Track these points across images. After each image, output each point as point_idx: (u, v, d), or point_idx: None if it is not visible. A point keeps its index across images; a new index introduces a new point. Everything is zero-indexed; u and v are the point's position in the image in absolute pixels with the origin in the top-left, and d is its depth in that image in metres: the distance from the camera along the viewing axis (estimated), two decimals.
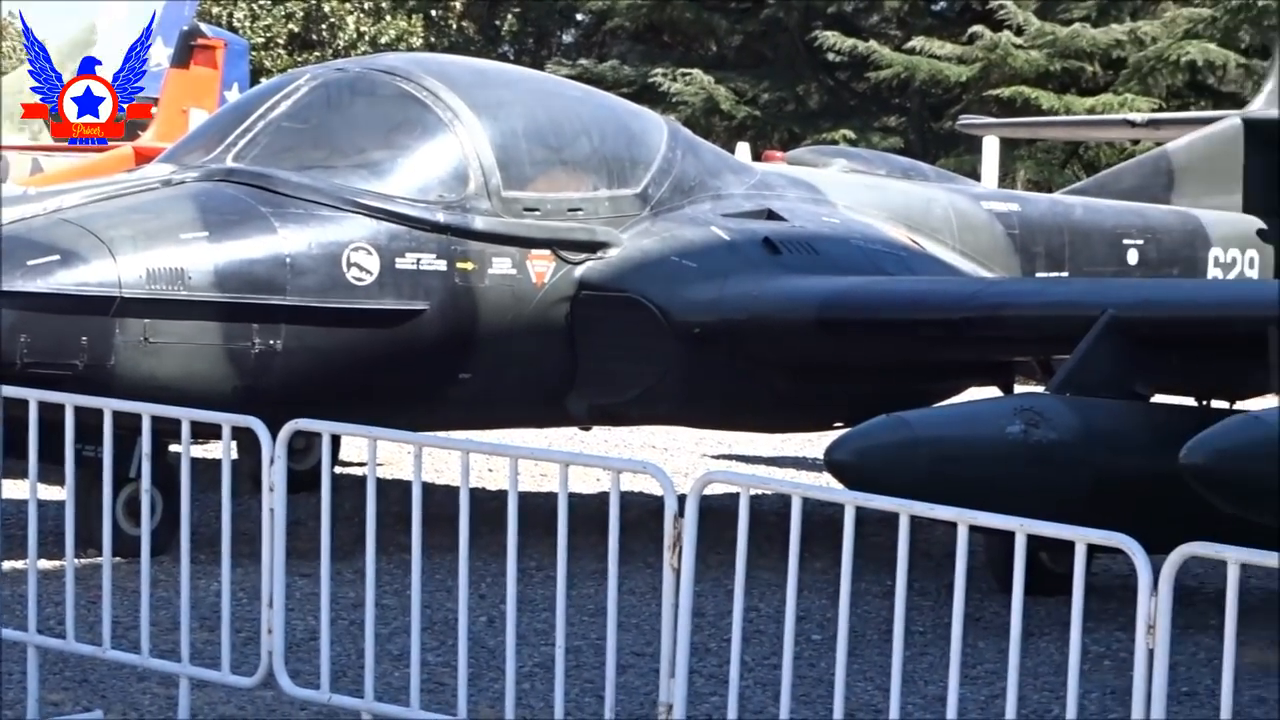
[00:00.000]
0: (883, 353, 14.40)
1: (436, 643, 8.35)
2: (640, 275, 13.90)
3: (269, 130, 13.41)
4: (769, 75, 43.58)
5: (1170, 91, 39.62)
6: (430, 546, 8.09)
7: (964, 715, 7.10)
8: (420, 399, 12.97)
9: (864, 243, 15.67)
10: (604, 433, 14.88)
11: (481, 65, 16.56)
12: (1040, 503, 7.67)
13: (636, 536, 7.74)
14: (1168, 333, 12.87)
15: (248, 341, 12.52)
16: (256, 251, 12.63)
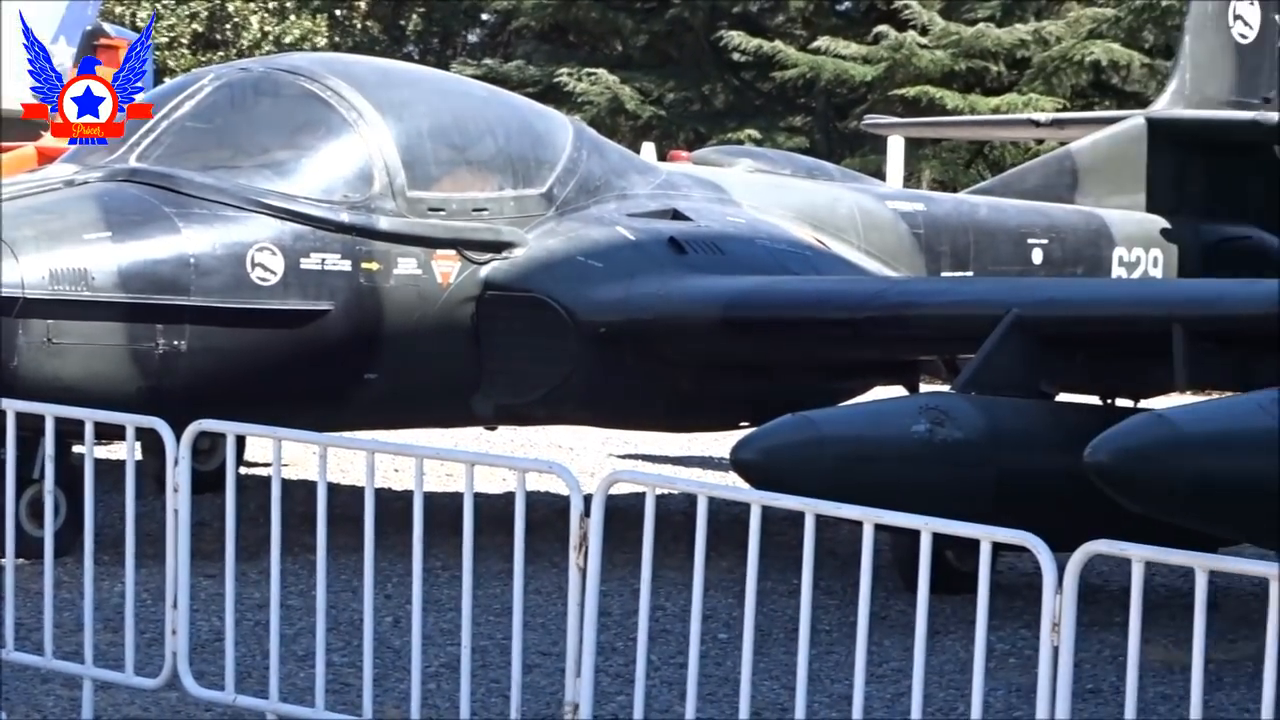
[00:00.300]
0: (788, 352, 14.47)
1: (342, 643, 8.34)
2: (546, 275, 13.92)
3: (173, 130, 13.39)
4: (674, 75, 43.60)
5: (1074, 91, 39.82)
6: (336, 547, 8.09)
7: (870, 714, 7.13)
8: (325, 399, 12.96)
9: (769, 242, 15.72)
10: (510, 432, 14.91)
11: (386, 65, 16.55)
12: (945, 501, 7.72)
13: (542, 536, 7.75)
14: (1072, 332, 12.98)
15: (152, 342, 12.49)
16: (160, 252, 12.61)
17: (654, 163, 17.88)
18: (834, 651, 8.06)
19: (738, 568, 7.13)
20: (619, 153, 16.38)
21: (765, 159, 20.09)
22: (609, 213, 14.77)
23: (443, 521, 7.88)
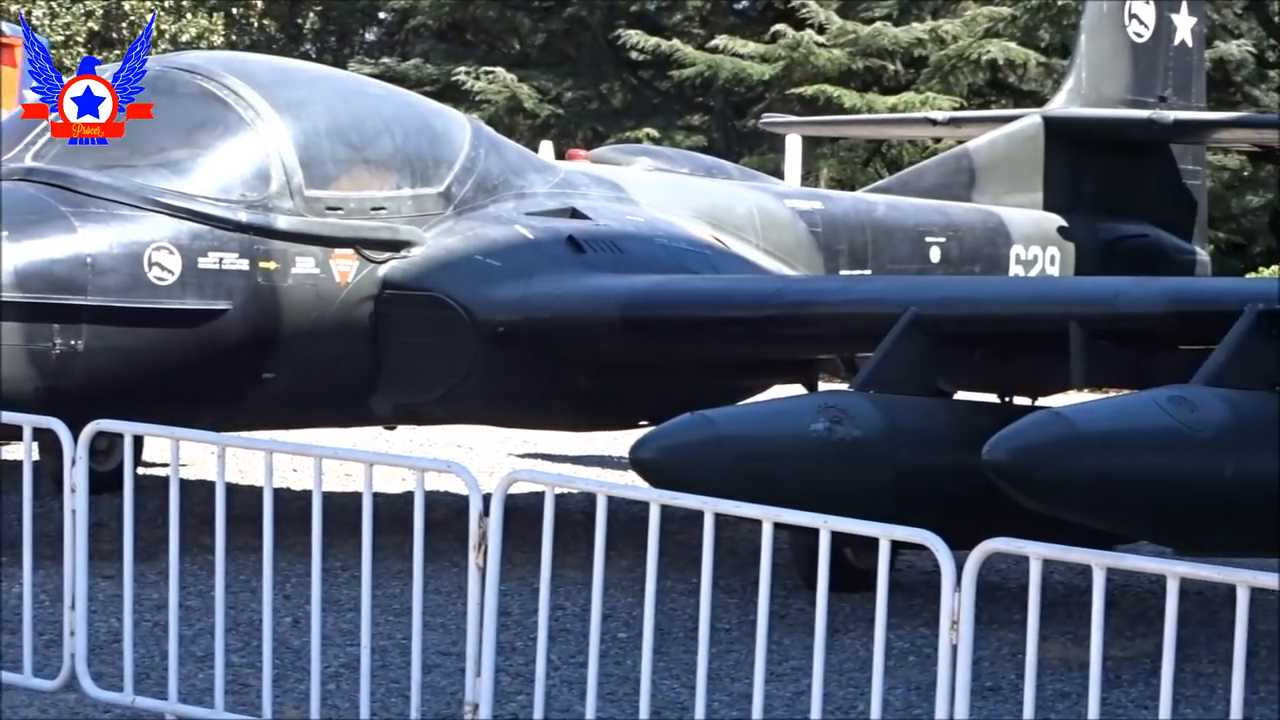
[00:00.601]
0: (687, 351, 14.49)
1: (241, 644, 8.32)
2: (444, 274, 13.93)
3: None
4: (572, 74, 43.66)
5: (971, 90, 40.05)
6: (234, 547, 8.10)
7: (769, 712, 7.15)
8: (224, 399, 12.92)
9: (668, 241, 15.76)
10: (409, 432, 14.89)
11: (284, 64, 16.51)
12: (844, 499, 7.75)
13: (442, 536, 7.77)
14: (970, 330, 13.04)
15: (49, 342, 12.44)
16: (56, 251, 12.56)
17: (552, 162, 17.87)
18: (734, 650, 8.08)
19: (637, 566, 7.15)
20: (517, 151, 16.39)
21: (663, 158, 20.08)
22: (507, 211, 14.77)
23: (342, 521, 7.88)
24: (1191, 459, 10.62)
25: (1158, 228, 21.26)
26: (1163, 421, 10.71)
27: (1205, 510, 10.62)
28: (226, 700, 8.01)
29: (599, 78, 43.44)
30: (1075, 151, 21.03)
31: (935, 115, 30.93)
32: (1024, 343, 13.33)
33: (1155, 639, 6.10)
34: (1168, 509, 10.58)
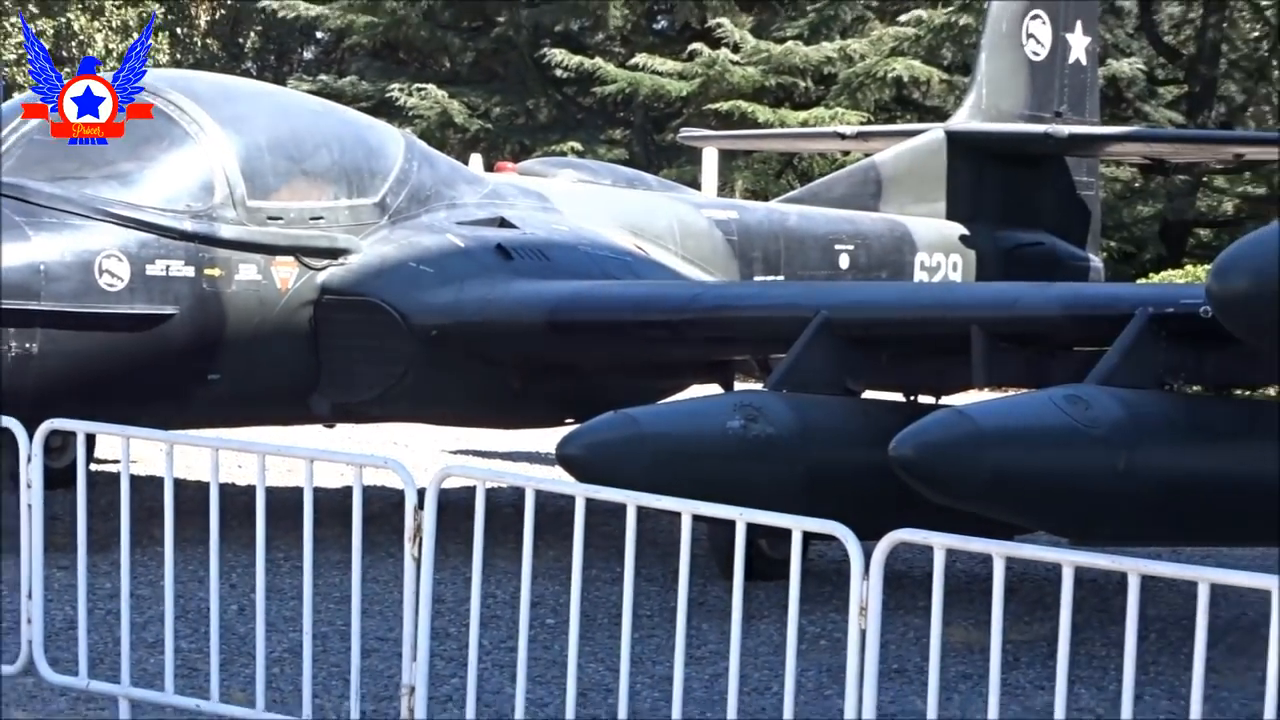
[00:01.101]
0: (610, 353, 14.55)
1: (190, 630, 8.33)
2: (379, 280, 13.95)
3: (21, 143, 13.32)
4: (500, 90, 43.61)
5: (878, 105, 40.14)
6: (183, 539, 8.10)
7: (689, 693, 7.19)
8: (171, 398, 12.92)
9: (592, 249, 15.78)
10: (348, 430, 14.89)
11: (226, 81, 16.47)
12: (759, 493, 7.80)
13: (379, 528, 7.79)
14: (877, 333, 13.14)
15: (3, 344, 12.43)
16: (10, 259, 12.51)
17: (482, 174, 17.89)
18: (655, 635, 8.09)
19: (564, 557, 7.15)
20: (448, 164, 16.39)
21: (587, 170, 20.15)
22: (439, 221, 14.79)
23: (284, 514, 7.87)
24: (1086, 454, 10.71)
25: (1054, 236, 21.40)
26: (1059, 419, 10.80)
27: (1099, 502, 10.72)
28: (176, 684, 8.01)
29: (525, 94, 43.42)
30: (976, 164, 21.14)
31: (844, 130, 31.00)
32: (928, 345, 13.44)
33: (1052, 624, 6.15)
34: (1063, 501, 10.69)
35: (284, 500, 8.02)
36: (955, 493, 10.36)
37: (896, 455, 10.44)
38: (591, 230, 16.30)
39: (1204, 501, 11.09)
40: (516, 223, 15.41)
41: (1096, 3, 24.98)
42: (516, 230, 15.25)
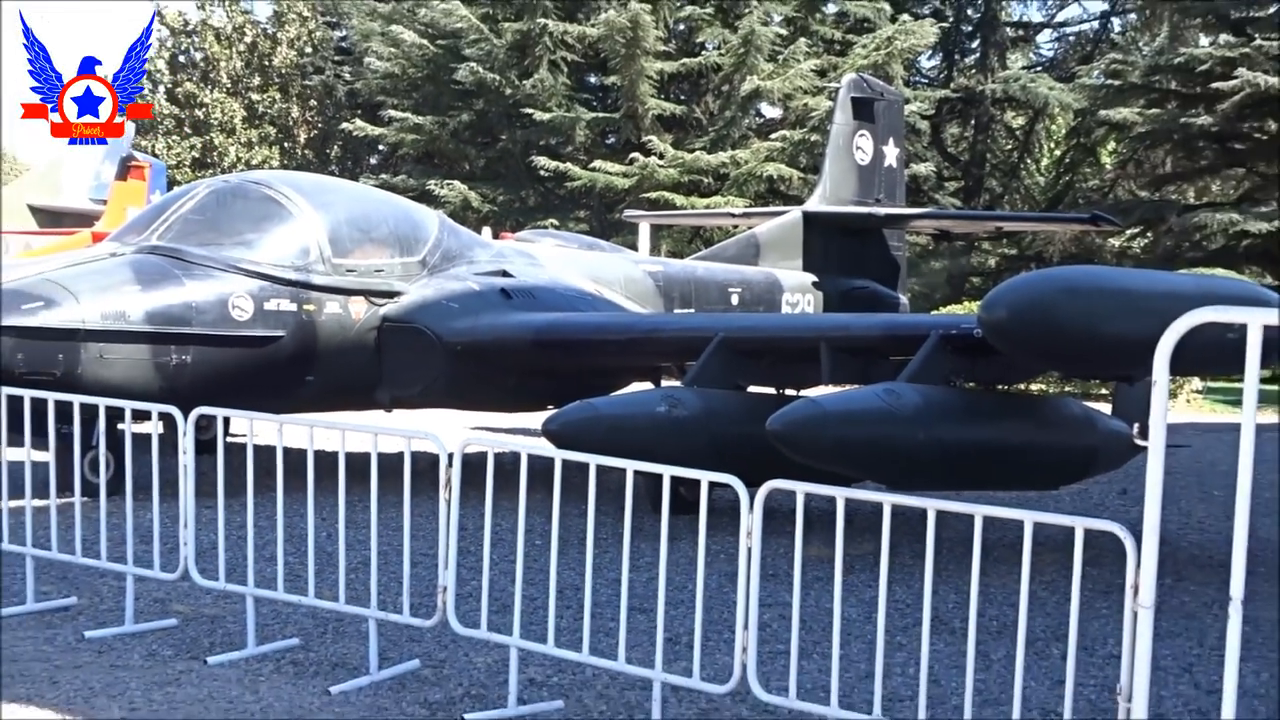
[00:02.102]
0: (577, 361, 14.59)
1: (294, 549, 8.24)
2: (422, 312, 14.00)
3: (179, 220, 13.33)
4: (502, 184, 43.52)
5: (756, 194, 40.10)
6: (288, 488, 8.05)
7: (632, 591, 7.17)
8: (281, 393, 12.88)
9: (565, 291, 15.87)
10: (400, 414, 14.85)
11: (317, 178, 16.46)
12: (679, 456, 7.79)
13: (421, 480, 7.71)
14: (757, 347, 13.33)
15: (168, 356, 12.49)
16: (172, 299, 12.60)
17: (490, 241, 17.99)
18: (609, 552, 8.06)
19: (547, 499, 7.13)
20: (468, 234, 16.41)
21: (561, 238, 20.61)
22: (462, 273, 14.82)
23: (357, 471, 7.82)
24: (897, 429, 10.85)
25: (875, 283, 21.54)
26: (879, 405, 10.96)
27: (906, 461, 10.81)
28: (285, 585, 7.97)
29: (519, 187, 43.38)
30: (822, 234, 21.26)
31: (734, 210, 31.22)
32: (792, 355, 13.56)
33: (876, 543, 6.13)
34: (882, 461, 10.78)
35: (357, 461, 7.95)
36: (809, 455, 10.46)
37: (770, 430, 10.58)
38: (564, 279, 16.36)
39: (975, 460, 11.22)
40: (514, 274, 15.45)
41: (903, 125, 25.05)
42: (513, 279, 15.29)
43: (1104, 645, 7.95)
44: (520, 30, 42.89)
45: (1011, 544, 5.89)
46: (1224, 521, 4.65)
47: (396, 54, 45.06)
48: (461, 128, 44.41)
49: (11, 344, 11.83)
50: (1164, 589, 5.48)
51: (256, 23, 54.79)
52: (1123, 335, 9.17)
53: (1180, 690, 7.55)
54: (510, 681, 7.11)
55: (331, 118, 52.10)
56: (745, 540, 6.41)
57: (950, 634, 7.05)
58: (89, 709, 6.89)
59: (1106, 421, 12.40)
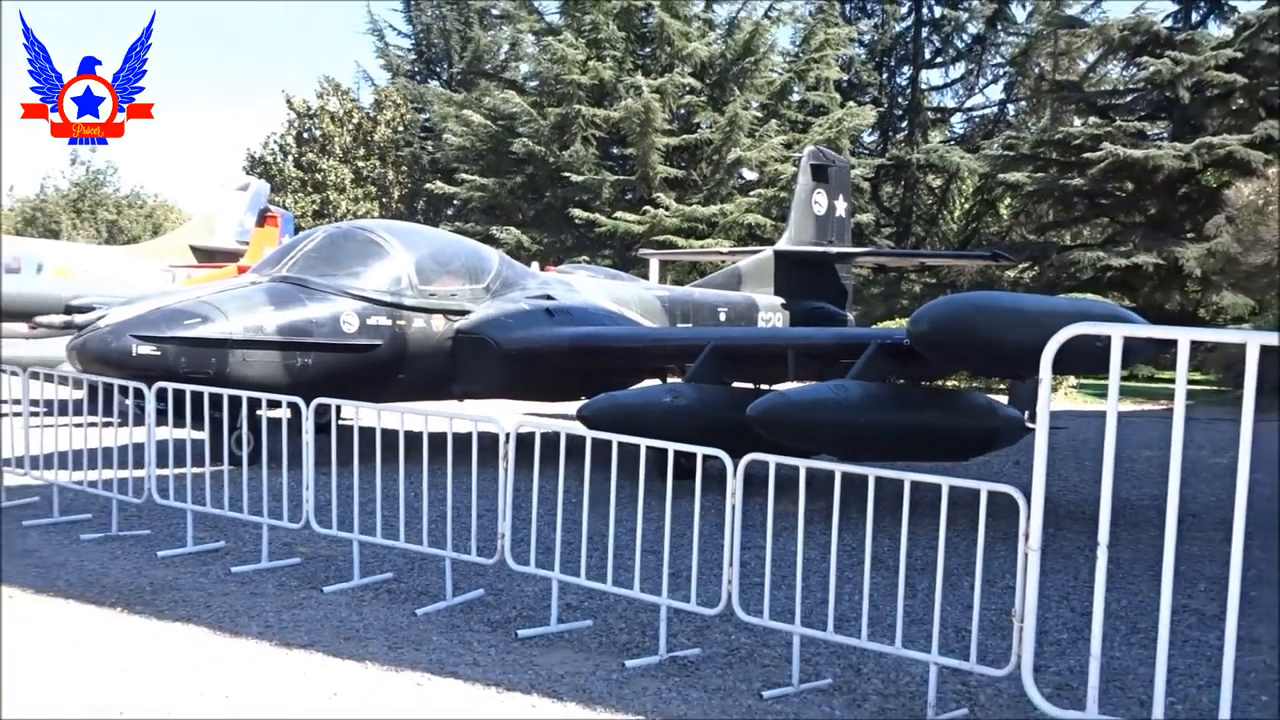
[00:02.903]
0: (602, 364, 14.58)
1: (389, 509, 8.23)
2: (486, 327, 14.03)
3: (303, 257, 13.37)
4: (547, 230, 43.51)
5: (739, 237, 40.13)
6: (385, 460, 8.02)
7: (645, 537, 7.15)
8: (379, 387, 12.87)
9: (594, 311, 15.89)
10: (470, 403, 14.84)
11: (407, 224, 16.45)
12: (680, 435, 7.75)
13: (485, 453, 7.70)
14: (740, 353, 13.32)
15: (294, 360, 12.52)
16: (298, 316, 12.63)
17: (538, 272, 18.00)
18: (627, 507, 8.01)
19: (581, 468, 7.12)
20: (521, 267, 16.43)
21: (591, 270, 20.69)
22: (516, 296, 14.84)
23: (436, 446, 7.81)
24: (845, 415, 10.82)
25: (829, 304, 21.47)
26: (831, 396, 10.94)
27: (852, 439, 10.78)
28: (382, 532, 7.96)
29: (559, 232, 43.41)
30: (789, 267, 21.20)
31: (722, 249, 31.27)
32: (766, 359, 13.59)
33: (829, 501, 6.11)
34: (834, 439, 10.75)
35: (436, 439, 7.95)
36: (779, 435, 10.40)
37: (750, 415, 10.55)
38: (593, 301, 16.35)
39: (904, 438, 11.18)
40: (555, 297, 15.45)
41: (849, 185, 24.98)
42: (555, 301, 15.29)
43: (1002, 579, 7.94)
44: (560, 114, 43.01)
45: (932, 502, 5.86)
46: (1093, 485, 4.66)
47: (467, 131, 45.24)
48: (516, 187, 44.48)
49: (176, 350, 11.88)
50: (1048, 536, 5.45)
51: (361, 108, 54.82)
52: (1016, 343, 9.12)
53: (1060, 613, 7.54)
54: (552, 605, 7.12)
55: (418, 180, 52.17)
56: (730, 499, 6.37)
57: (886, 570, 7.02)
58: (234, 625, 6.92)
59: (1004, 409, 12.35)
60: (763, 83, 44.67)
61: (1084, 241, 41.02)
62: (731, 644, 6.81)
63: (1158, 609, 5.22)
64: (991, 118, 50.87)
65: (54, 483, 9.94)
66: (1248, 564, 4.98)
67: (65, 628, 6.79)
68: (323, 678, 6.03)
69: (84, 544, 8.92)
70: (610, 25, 43.78)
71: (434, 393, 14.16)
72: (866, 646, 6.05)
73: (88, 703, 5.57)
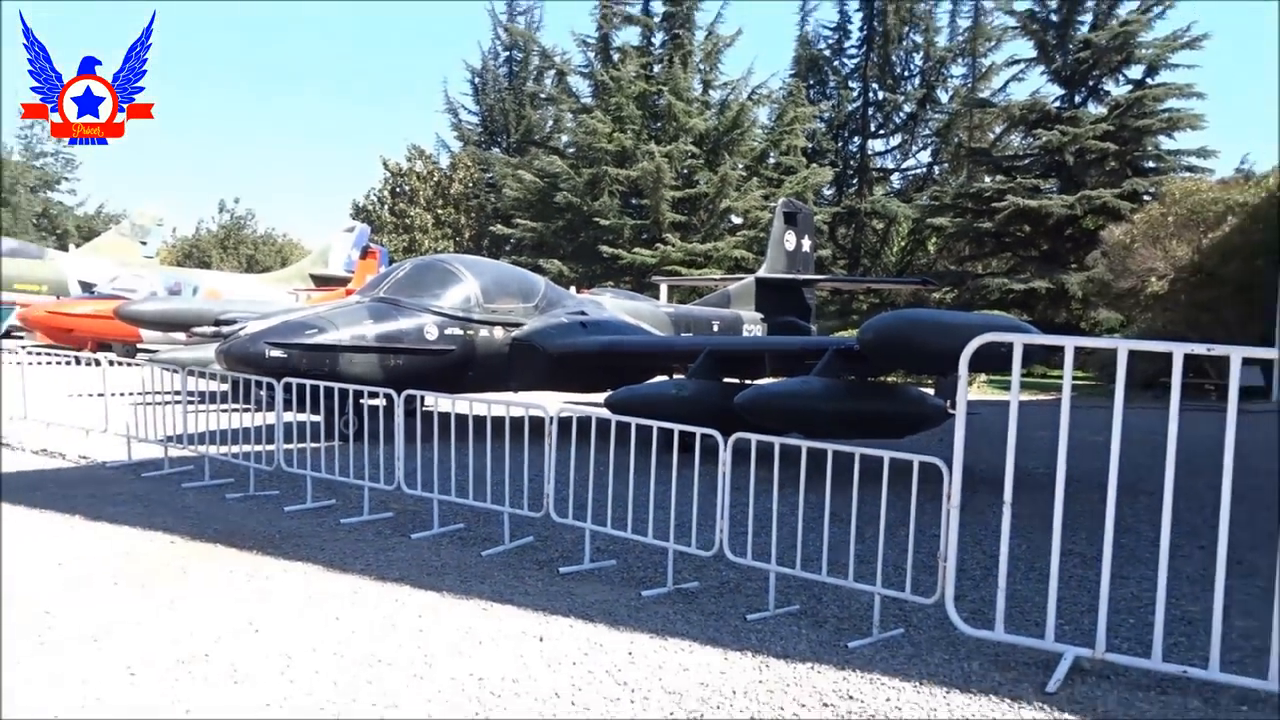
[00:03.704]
0: (624, 364, 14.49)
1: (460, 472, 8.19)
2: (536, 336, 13.94)
3: (395, 282, 13.35)
4: (582, 262, 43.43)
5: (729, 268, 40.03)
6: (458, 436, 7.98)
7: (656, 496, 7.11)
8: (453, 382, 12.84)
9: (617, 324, 15.84)
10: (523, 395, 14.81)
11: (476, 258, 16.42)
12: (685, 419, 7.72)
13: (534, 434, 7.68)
14: (730, 355, 13.11)
15: (388, 360, 12.50)
16: (391, 327, 12.60)
17: (575, 294, 17.94)
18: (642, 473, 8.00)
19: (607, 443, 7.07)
20: (561, 290, 16.33)
21: (615, 293, 20.33)
22: (558, 313, 14.75)
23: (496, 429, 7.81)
24: (809, 402, 10.75)
25: (798, 318, 21.33)
26: (799, 389, 10.88)
27: (814, 421, 10.67)
28: (455, 492, 7.92)
29: (591, 263, 43.32)
30: (766, 290, 21.06)
31: (715, 277, 31.01)
32: (750, 361, 13.42)
33: (797, 469, 6.08)
34: (800, 420, 10.65)
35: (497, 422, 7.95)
36: (759, 418, 10.35)
37: (736, 403, 10.53)
38: (617, 316, 16.28)
39: (854, 421, 11.04)
40: (588, 313, 15.36)
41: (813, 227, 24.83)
42: (587, 316, 15.21)
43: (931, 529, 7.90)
44: (592, 173, 43.08)
45: (876, 470, 5.84)
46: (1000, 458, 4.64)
47: (520, 187, 45.26)
48: (558, 229, 44.45)
49: (299, 353, 11.88)
50: (965, 497, 5.43)
51: (440, 169, 54.93)
52: (941, 348, 9.07)
53: (975, 555, 7.50)
54: (585, 549, 7.09)
55: (483, 224, 52.11)
56: (721, 468, 6.32)
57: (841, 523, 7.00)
58: (342, 563, 6.92)
59: (931, 399, 12.27)
60: (746, 149, 44.65)
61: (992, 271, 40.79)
62: (722, 578, 6.79)
63: (1049, 552, 5.23)
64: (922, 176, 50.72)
65: (205, 454, 9.97)
66: (1119, 518, 5.02)
67: (216, 565, 6.82)
68: (411, 603, 6.03)
69: (228, 501, 8.94)
70: (630, 105, 43.87)
71: (495, 385, 14.10)
72: (826, 580, 6.02)
73: (236, 621, 5.59)
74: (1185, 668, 5.00)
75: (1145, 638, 5.52)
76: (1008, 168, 41.15)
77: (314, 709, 4.51)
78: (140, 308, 20.25)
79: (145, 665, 4.96)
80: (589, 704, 4.62)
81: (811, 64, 50.16)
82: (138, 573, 6.53)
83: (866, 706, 4.68)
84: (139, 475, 9.97)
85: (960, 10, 49.42)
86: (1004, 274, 39.20)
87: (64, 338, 23.24)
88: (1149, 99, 37.95)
